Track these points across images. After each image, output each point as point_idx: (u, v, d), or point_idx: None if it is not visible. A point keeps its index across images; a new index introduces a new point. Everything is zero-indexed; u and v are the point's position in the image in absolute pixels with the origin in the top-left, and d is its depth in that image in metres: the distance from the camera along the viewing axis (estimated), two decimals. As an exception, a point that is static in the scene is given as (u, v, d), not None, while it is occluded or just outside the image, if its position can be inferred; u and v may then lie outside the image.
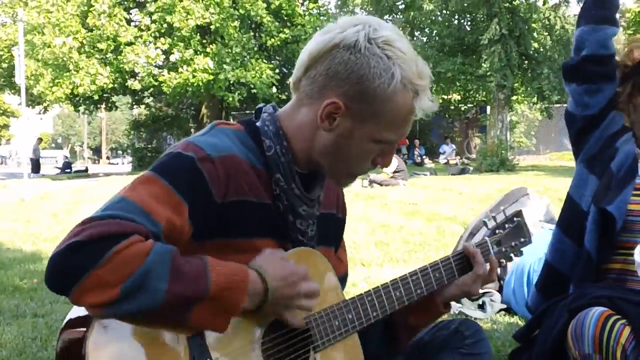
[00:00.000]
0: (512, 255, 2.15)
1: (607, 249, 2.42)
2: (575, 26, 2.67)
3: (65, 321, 1.51)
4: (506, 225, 2.16)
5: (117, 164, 63.33)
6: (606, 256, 2.42)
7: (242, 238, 1.62)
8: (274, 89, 26.99)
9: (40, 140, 36.98)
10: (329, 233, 1.90)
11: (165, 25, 25.53)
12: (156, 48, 25.61)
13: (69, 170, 34.08)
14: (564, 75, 2.70)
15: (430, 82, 1.65)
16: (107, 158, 72.49)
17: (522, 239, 2.18)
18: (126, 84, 26.96)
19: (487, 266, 1.98)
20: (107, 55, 25.76)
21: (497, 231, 2.14)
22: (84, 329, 1.41)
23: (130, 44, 25.40)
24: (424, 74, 1.63)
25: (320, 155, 1.68)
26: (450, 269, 1.98)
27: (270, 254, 1.59)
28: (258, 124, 1.72)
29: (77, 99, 28.03)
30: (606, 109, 2.57)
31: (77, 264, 1.32)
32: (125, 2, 26.35)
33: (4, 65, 28.72)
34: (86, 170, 36.40)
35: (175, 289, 1.36)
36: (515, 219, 2.19)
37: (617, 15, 2.63)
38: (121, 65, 25.65)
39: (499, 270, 4.53)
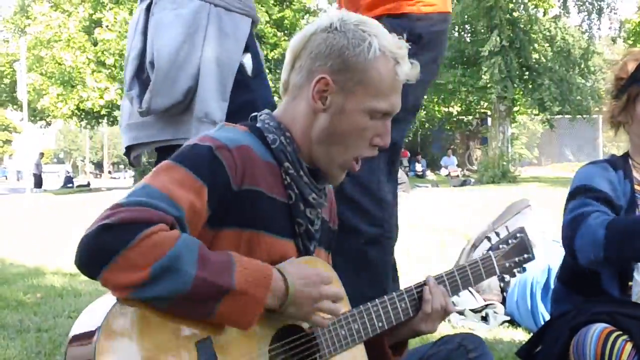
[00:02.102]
0: (515, 271, 2.16)
1: (624, 285, 2.41)
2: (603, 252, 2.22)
3: (69, 337, 1.51)
4: (509, 241, 2.17)
5: (119, 178, 63.30)
6: (625, 291, 2.41)
7: (253, 229, 1.65)
8: (276, 98, 26.97)
9: (42, 155, 37.04)
10: (324, 237, 1.92)
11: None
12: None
13: (71, 185, 34.09)
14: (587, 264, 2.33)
15: (406, 53, 1.74)
16: (109, 172, 72.51)
17: (526, 255, 2.18)
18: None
19: (439, 303, 1.91)
20: (115, 71, 25.74)
21: (500, 246, 2.15)
22: (90, 341, 1.40)
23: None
24: (400, 44, 1.74)
25: (317, 142, 1.73)
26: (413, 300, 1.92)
27: (290, 260, 1.65)
28: (258, 125, 1.78)
29: (82, 114, 28.01)
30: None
31: (108, 244, 1.37)
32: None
33: (6, 80, 28.82)
34: (88, 184, 36.37)
35: (204, 275, 1.41)
36: (518, 235, 2.19)
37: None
38: None
39: (501, 284, 4.55)
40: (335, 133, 1.71)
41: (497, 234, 2.18)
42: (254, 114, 1.84)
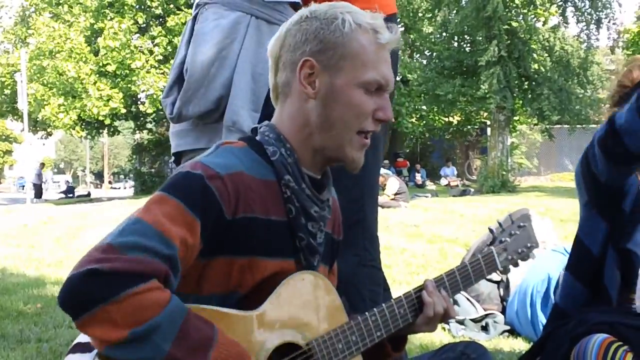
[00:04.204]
0: (518, 260, 2.12)
1: (627, 286, 2.42)
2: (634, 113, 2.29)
3: (72, 344, 1.52)
4: (512, 232, 2.13)
5: (119, 188, 63.35)
6: (627, 294, 2.42)
7: (247, 256, 1.61)
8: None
9: (42, 165, 37.04)
10: (329, 251, 1.89)
11: (169, 49, 25.51)
12: (162, 73, 25.53)
13: (71, 195, 34.08)
14: (605, 156, 2.40)
15: (382, 23, 1.72)
16: (110, 182, 72.39)
17: (529, 244, 2.15)
18: (138, 107, 26.96)
19: (441, 307, 1.89)
20: (117, 80, 25.72)
21: (502, 239, 2.12)
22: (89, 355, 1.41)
23: (139, 69, 25.29)
24: (375, 16, 1.72)
25: (320, 131, 1.70)
26: (412, 304, 1.89)
27: None
28: (257, 138, 1.75)
29: (83, 124, 27.98)
30: (613, 181, 2.46)
31: (93, 292, 1.32)
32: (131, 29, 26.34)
33: (7, 91, 28.84)
34: (88, 194, 36.39)
35: (177, 354, 1.36)
36: (522, 224, 2.16)
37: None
38: (132, 89, 25.59)
39: (501, 292, 4.55)
40: (333, 114, 1.69)
41: (500, 224, 2.15)
42: (254, 126, 1.81)
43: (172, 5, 25.90)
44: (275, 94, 1.77)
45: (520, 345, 3.96)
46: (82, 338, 1.50)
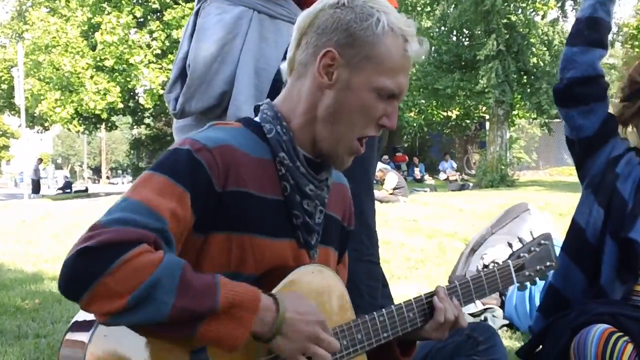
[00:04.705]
0: (536, 279, 2.13)
1: (630, 278, 2.41)
2: (565, 44, 2.68)
3: (71, 323, 1.52)
4: (532, 249, 2.13)
5: (117, 183, 63.30)
6: (631, 287, 2.41)
7: (244, 232, 1.61)
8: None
9: (40, 160, 37.02)
10: (332, 235, 1.88)
11: (167, 43, 25.44)
12: (160, 68, 25.46)
13: (69, 191, 34.06)
14: (556, 101, 2.70)
15: (414, 32, 1.70)
16: (107, 178, 72.43)
17: (549, 263, 2.15)
18: (136, 102, 26.96)
19: (452, 314, 1.86)
20: (115, 75, 25.69)
21: (521, 254, 2.11)
22: (84, 340, 1.40)
23: (138, 64, 25.25)
24: (409, 23, 1.70)
25: (323, 121, 1.69)
26: (422, 309, 1.88)
27: (292, 292, 1.58)
28: (257, 118, 1.76)
29: (80, 119, 27.99)
30: (601, 130, 2.56)
31: (86, 270, 1.33)
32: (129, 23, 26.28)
33: (4, 86, 28.78)
34: (86, 190, 36.36)
35: (182, 303, 1.36)
36: (542, 242, 2.16)
37: (609, 37, 2.65)
38: (130, 84, 25.57)
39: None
40: (341, 110, 1.67)
41: (521, 240, 2.15)
42: (256, 104, 1.81)
43: (169, -1, 25.88)
44: (290, 68, 1.76)
45: (519, 340, 3.95)
46: (80, 317, 1.49)
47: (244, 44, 2.62)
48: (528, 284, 2.12)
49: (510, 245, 2.13)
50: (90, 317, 1.42)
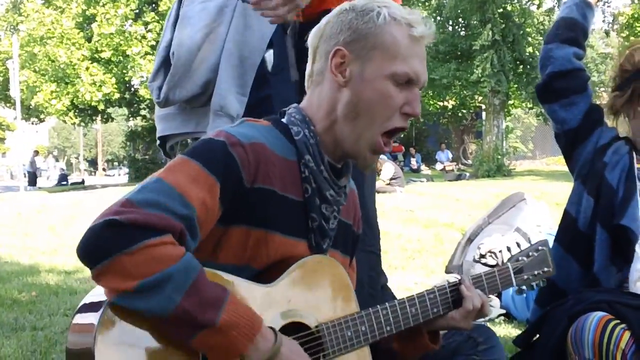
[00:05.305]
0: (534, 283, 2.17)
1: (624, 265, 2.42)
2: (542, 45, 2.76)
3: (79, 306, 1.52)
4: (530, 254, 2.17)
5: (114, 175, 63.17)
6: (626, 274, 2.42)
7: (262, 228, 1.63)
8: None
9: (37, 152, 36.95)
10: (345, 241, 1.92)
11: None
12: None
13: (65, 183, 34.01)
14: (539, 98, 2.75)
15: (419, 18, 1.73)
16: (104, 170, 72.30)
17: (546, 269, 2.19)
18: (132, 93, 26.89)
19: (478, 302, 1.92)
20: (110, 66, 25.62)
21: (520, 258, 2.15)
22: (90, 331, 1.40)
23: (135, 55, 25.19)
24: (412, 11, 1.74)
25: (343, 119, 1.71)
26: (446, 299, 1.93)
27: (291, 340, 1.57)
28: (284, 119, 1.78)
29: (76, 110, 27.93)
30: (585, 121, 2.59)
31: (108, 242, 1.35)
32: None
33: (-1, 78, 28.74)
34: (82, 182, 36.32)
35: (187, 306, 1.37)
36: (540, 247, 2.20)
37: (585, 41, 2.70)
38: (126, 75, 25.51)
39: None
40: (360, 103, 1.69)
41: (518, 245, 2.19)
42: (283, 109, 1.83)
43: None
44: (310, 81, 1.79)
45: (516, 330, 3.96)
46: (89, 299, 1.50)
47: (228, 32, 2.62)
48: (525, 288, 2.17)
49: (508, 248, 2.16)
50: (97, 299, 1.44)
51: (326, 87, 1.73)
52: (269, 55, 2.70)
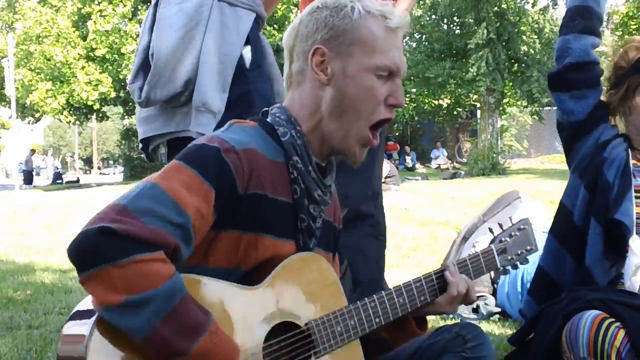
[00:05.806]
0: (517, 263, 2.16)
1: (618, 259, 2.43)
2: (559, 36, 2.73)
3: (72, 312, 1.51)
4: (512, 234, 2.16)
5: (109, 174, 63.05)
6: (619, 269, 2.44)
7: (253, 232, 1.63)
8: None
9: (33, 151, 36.87)
10: (329, 240, 1.92)
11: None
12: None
13: (60, 181, 33.95)
14: (550, 85, 2.73)
15: (392, 9, 1.75)
16: (99, 168, 72.17)
17: (529, 247, 2.18)
18: (127, 91, 26.86)
19: (463, 287, 1.95)
20: (105, 65, 25.55)
21: (502, 239, 2.14)
22: (84, 334, 1.40)
23: (130, 53, 25.14)
24: (382, 2, 1.75)
25: (329, 117, 1.72)
26: (432, 286, 1.95)
27: None
28: (268, 119, 1.77)
29: (71, 109, 27.88)
30: (592, 116, 2.59)
31: (101, 250, 1.34)
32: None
33: (-6, 77, 28.64)
34: (78, 180, 36.28)
35: (163, 332, 1.36)
36: (522, 226, 2.19)
37: (600, 28, 2.69)
38: (121, 73, 25.45)
39: (492, 274, 4.57)
40: (345, 100, 1.70)
41: (500, 226, 2.18)
42: (266, 108, 1.82)
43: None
44: (289, 82, 1.79)
45: (512, 328, 3.97)
46: (82, 306, 1.49)
47: (206, 31, 2.64)
48: (510, 268, 2.15)
49: (491, 230, 2.16)
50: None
51: (308, 86, 1.74)
52: (247, 52, 2.72)
